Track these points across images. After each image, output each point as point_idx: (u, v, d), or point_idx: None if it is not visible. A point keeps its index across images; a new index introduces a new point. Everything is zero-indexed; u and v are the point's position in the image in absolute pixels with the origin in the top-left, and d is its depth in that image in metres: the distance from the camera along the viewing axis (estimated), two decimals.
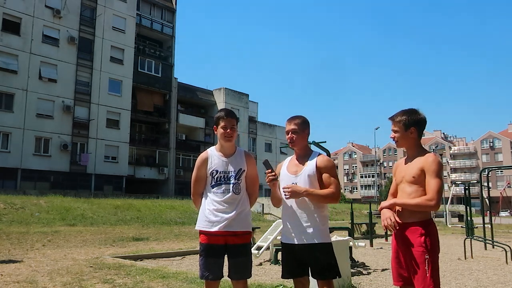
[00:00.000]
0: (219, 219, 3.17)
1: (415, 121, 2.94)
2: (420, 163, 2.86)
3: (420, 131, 2.99)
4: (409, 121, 2.94)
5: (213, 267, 3.15)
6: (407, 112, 2.98)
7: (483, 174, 12.69)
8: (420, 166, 2.85)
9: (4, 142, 29.47)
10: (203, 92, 45.83)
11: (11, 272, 6.36)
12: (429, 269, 2.73)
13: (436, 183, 2.77)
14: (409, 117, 2.95)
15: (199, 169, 3.32)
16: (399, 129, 2.96)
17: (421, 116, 2.97)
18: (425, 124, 3.01)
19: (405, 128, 2.94)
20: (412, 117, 2.95)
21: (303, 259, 3.10)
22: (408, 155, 3.03)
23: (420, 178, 2.83)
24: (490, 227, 12.30)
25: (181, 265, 7.67)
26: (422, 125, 2.98)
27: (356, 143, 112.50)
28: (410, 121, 2.94)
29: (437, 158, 2.86)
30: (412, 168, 2.90)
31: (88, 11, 35.00)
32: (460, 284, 6.22)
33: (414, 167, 2.89)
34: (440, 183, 2.78)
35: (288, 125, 3.24)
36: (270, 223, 17.31)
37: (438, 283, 2.77)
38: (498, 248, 10.94)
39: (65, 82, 32.44)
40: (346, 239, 6.32)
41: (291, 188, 3.03)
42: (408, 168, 2.94)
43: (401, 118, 2.96)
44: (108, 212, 20.43)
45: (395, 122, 2.98)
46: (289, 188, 3.03)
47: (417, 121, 2.95)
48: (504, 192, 34.35)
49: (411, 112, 2.97)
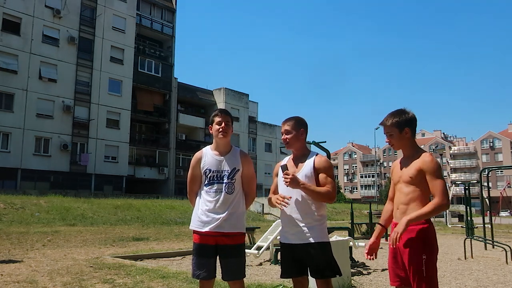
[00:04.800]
0: (210, 219, 3.16)
1: (407, 121, 2.93)
2: (417, 164, 2.85)
3: (414, 130, 2.98)
4: (401, 122, 2.92)
5: (204, 267, 3.15)
6: (396, 113, 2.96)
7: (483, 174, 12.69)
8: (417, 166, 2.83)
9: (4, 142, 29.47)
10: (203, 92, 45.84)
11: (11, 272, 6.36)
12: (426, 269, 2.73)
13: (440, 183, 2.76)
14: (401, 118, 2.93)
15: (194, 168, 3.32)
16: (394, 132, 2.94)
17: (411, 115, 2.96)
18: (417, 122, 2.99)
19: (400, 130, 2.93)
20: (403, 117, 2.93)
21: (302, 258, 3.11)
22: (404, 155, 3.02)
23: (417, 178, 2.82)
24: (490, 227, 12.29)
25: (181, 265, 7.66)
26: (414, 124, 2.97)
27: (356, 143, 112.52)
28: (402, 122, 2.92)
29: (433, 157, 2.86)
30: (409, 168, 2.89)
31: (88, 11, 35.00)
32: (460, 284, 6.22)
33: (411, 167, 2.87)
34: (443, 183, 2.78)
35: (282, 127, 3.26)
36: (270, 223, 17.32)
37: (436, 283, 2.76)
38: (498, 248, 10.94)
39: (65, 82, 32.44)
40: (346, 239, 6.32)
41: (292, 175, 3.02)
42: (405, 168, 2.93)
43: (393, 121, 2.94)
44: (108, 212, 20.44)
45: (388, 126, 2.96)
46: (289, 175, 3.02)
47: (409, 120, 2.94)
48: (504, 192, 34.36)
49: (401, 112, 2.96)
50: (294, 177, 3.02)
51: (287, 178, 3.01)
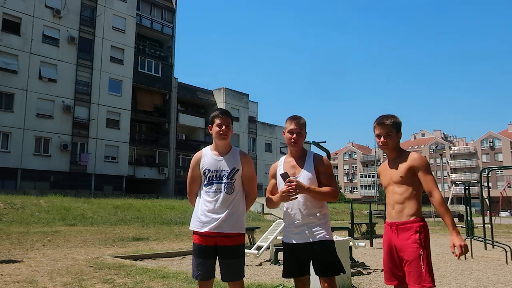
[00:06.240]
0: (209, 220, 3.15)
1: (400, 124, 3.08)
2: (407, 163, 2.95)
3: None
4: (398, 123, 3.06)
5: (203, 268, 3.15)
6: (391, 115, 3.08)
7: (483, 174, 12.69)
8: (408, 165, 2.94)
9: (4, 142, 29.47)
10: (203, 92, 45.84)
11: (11, 272, 6.36)
12: (424, 264, 2.81)
13: (432, 178, 2.90)
14: (397, 119, 3.06)
15: (193, 169, 3.32)
16: (392, 133, 3.03)
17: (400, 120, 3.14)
18: None
19: (397, 131, 3.05)
20: (398, 119, 3.07)
21: (305, 258, 3.11)
22: (391, 157, 3.10)
23: (408, 177, 2.93)
24: (490, 227, 12.31)
25: (181, 265, 7.66)
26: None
27: (356, 143, 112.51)
28: (398, 123, 3.06)
29: (421, 155, 3.02)
30: (399, 169, 2.98)
31: (88, 11, 35.00)
32: (460, 284, 6.22)
33: (400, 167, 2.97)
34: (433, 177, 2.93)
35: (292, 125, 3.20)
36: (270, 223, 17.32)
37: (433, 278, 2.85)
38: (498, 248, 10.95)
39: (65, 82, 32.44)
40: (346, 239, 6.32)
41: (295, 182, 3.02)
42: (394, 170, 3.01)
43: (392, 121, 3.04)
44: (108, 212, 20.44)
45: (386, 125, 3.03)
46: (293, 182, 3.02)
47: (400, 123, 3.08)
48: (504, 192, 34.39)
49: (394, 116, 3.09)
50: (298, 184, 3.02)
51: (292, 186, 3.00)
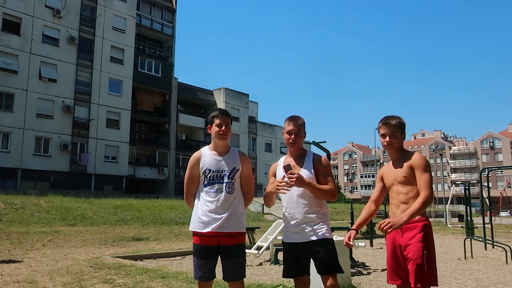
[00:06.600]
0: (211, 220, 3.14)
1: (404, 125, 3.13)
2: (409, 162, 3.01)
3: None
4: (403, 124, 3.11)
5: (205, 268, 3.14)
6: (396, 116, 3.13)
7: (483, 174, 12.69)
8: (409, 165, 2.99)
9: (4, 142, 29.46)
10: (203, 92, 45.83)
11: (11, 272, 6.36)
12: (426, 263, 2.83)
13: (427, 177, 2.92)
14: (401, 120, 3.11)
15: (192, 169, 3.30)
16: (397, 133, 3.07)
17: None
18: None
19: (402, 131, 3.09)
20: (402, 121, 3.12)
21: (305, 256, 3.12)
22: (395, 158, 3.13)
23: (411, 176, 2.97)
24: (490, 227, 12.31)
25: (181, 265, 7.66)
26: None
27: (356, 143, 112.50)
28: (403, 124, 3.11)
29: (423, 155, 3.06)
30: (402, 169, 3.02)
31: (88, 11, 34.99)
32: (460, 284, 6.22)
33: (404, 167, 3.01)
34: (430, 176, 2.95)
35: (290, 125, 3.21)
36: (270, 223, 17.32)
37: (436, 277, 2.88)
38: (498, 248, 10.95)
39: (65, 82, 32.43)
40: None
41: (297, 175, 3.02)
42: (398, 170, 3.05)
43: (398, 122, 3.08)
44: (108, 212, 20.44)
45: (392, 125, 3.07)
46: (294, 174, 3.01)
47: (405, 125, 3.13)
48: (504, 192, 34.41)
49: (399, 117, 3.13)
50: (299, 176, 3.02)
51: (293, 178, 3.01)
